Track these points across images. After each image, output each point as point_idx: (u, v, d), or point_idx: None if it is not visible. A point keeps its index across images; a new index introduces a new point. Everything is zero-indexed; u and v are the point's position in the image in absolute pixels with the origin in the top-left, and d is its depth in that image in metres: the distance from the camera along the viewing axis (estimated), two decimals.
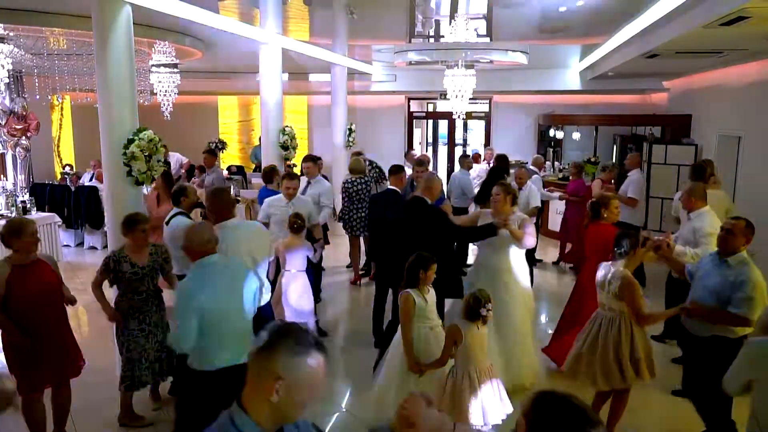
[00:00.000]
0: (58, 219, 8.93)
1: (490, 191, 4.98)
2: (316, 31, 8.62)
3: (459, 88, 8.32)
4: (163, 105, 9.30)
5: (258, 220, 5.79)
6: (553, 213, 9.99)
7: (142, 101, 6.95)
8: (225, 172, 11.27)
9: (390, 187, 6.49)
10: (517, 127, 13.66)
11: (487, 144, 13.66)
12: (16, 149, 9.79)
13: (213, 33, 7.19)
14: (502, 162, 8.29)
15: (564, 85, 12.58)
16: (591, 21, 7.37)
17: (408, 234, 4.70)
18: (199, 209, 6.48)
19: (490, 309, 3.54)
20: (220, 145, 13.99)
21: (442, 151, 15.30)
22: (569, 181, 8.93)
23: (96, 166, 10.39)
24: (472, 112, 13.58)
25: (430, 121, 15.69)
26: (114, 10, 4.47)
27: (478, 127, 15.27)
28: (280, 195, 5.83)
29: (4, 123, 9.41)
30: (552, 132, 13.55)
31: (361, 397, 4.61)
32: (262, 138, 8.64)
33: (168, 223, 4.76)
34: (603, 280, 3.90)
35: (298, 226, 5.23)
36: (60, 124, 13.69)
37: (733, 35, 5.34)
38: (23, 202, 8.62)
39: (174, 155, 10.96)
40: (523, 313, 4.83)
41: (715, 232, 4.04)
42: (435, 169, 13.92)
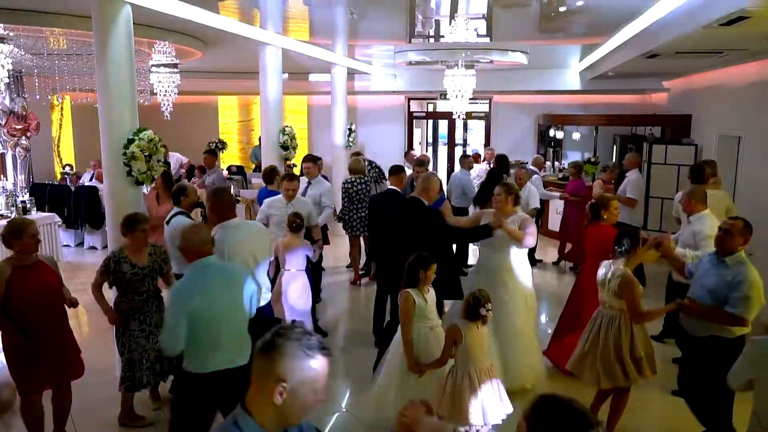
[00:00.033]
0: (58, 219, 8.93)
1: (489, 193, 4.97)
2: (316, 31, 8.62)
3: (459, 88, 8.31)
4: (163, 105, 9.29)
5: (256, 220, 5.79)
6: (553, 213, 10.00)
7: (142, 101, 6.95)
8: (225, 172, 11.27)
9: (390, 187, 6.49)
10: (517, 127, 13.64)
11: (487, 144, 13.65)
12: (16, 149, 9.79)
13: (213, 33, 7.18)
14: (501, 163, 8.29)
15: (564, 85, 12.56)
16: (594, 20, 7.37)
17: (407, 234, 4.69)
18: (200, 209, 6.50)
19: (490, 309, 3.54)
20: (221, 145, 13.98)
21: (442, 151, 15.28)
22: (569, 181, 8.93)
23: (96, 166, 10.39)
24: (472, 112, 13.56)
25: (430, 121, 15.67)
26: (114, 10, 4.47)
27: (478, 127, 15.26)
28: (280, 196, 5.84)
29: (4, 123, 9.41)
30: (552, 132, 13.54)
31: (361, 397, 4.62)
32: (262, 138, 8.65)
33: (168, 222, 4.78)
34: (603, 279, 3.93)
35: (297, 225, 5.24)
36: (60, 124, 13.67)
37: (733, 35, 5.33)
38: (23, 202, 8.62)
39: (174, 155, 10.97)
40: (524, 313, 4.82)
41: (714, 235, 4.05)
42: (435, 169, 13.93)
